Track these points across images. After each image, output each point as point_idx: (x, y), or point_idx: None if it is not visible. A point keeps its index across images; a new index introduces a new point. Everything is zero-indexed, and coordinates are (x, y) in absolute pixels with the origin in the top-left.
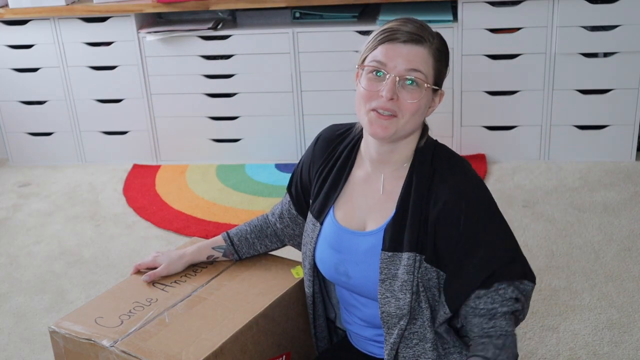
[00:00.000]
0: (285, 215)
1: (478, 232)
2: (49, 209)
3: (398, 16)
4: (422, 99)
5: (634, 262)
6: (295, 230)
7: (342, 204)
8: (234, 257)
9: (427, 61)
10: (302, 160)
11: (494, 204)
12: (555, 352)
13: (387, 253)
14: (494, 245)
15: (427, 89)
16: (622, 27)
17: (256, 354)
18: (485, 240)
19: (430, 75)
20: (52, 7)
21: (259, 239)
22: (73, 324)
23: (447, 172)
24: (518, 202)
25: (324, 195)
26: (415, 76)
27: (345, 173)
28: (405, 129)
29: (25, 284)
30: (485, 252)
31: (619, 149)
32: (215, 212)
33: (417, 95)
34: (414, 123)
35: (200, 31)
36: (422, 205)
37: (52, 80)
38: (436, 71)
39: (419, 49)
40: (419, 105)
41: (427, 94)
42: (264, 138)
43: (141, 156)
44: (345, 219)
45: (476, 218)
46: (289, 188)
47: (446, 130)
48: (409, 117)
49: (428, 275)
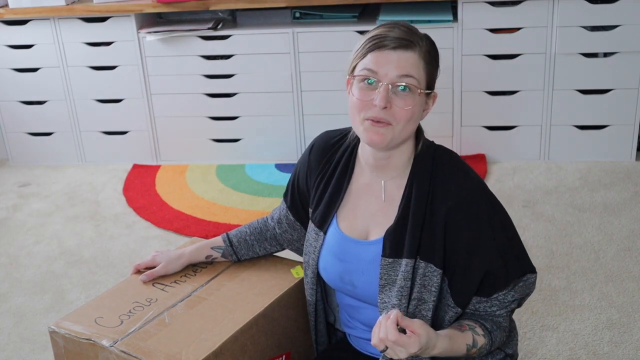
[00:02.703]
0: (283, 220)
1: (480, 236)
2: (49, 209)
3: (398, 16)
4: (416, 104)
5: (634, 262)
6: (294, 235)
7: (345, 212)
8: (233, 258)
9: (418, 65)
10: (297, 169)
11: (495, 204)
12: (555, 352)
13: (388, 259)
14: (494, 250)
15: (421, 93)
16: (622, 27)
17: (256, 354)
18: (486, 245)
19: (422, 80)
20: (52, 7)
21: (258, 241)
22: (73, 324)
23: (448, 177)
24: (518, 202)
25: (325, 205)
26: (407, 82)
27: (346, 181)
28: (401, 135)
29: (25, 284)
30: (486, 256)
31: (619, 149)
32: (215, 212)
33: (411, 101)
34: (410, 129)
35: (200, 31)
36: (423, 211)
37: (52, 80)
38: (428, 74)
39: (409, 54)
40: (414, 112)
41: (420, 99)
42: (264, 138)
43: (141, 156)
44: (349, 228)
45: (478, 222)
46: (285, 196)
47: (446, 130)
48: (404, 123)
49: (432, 281)
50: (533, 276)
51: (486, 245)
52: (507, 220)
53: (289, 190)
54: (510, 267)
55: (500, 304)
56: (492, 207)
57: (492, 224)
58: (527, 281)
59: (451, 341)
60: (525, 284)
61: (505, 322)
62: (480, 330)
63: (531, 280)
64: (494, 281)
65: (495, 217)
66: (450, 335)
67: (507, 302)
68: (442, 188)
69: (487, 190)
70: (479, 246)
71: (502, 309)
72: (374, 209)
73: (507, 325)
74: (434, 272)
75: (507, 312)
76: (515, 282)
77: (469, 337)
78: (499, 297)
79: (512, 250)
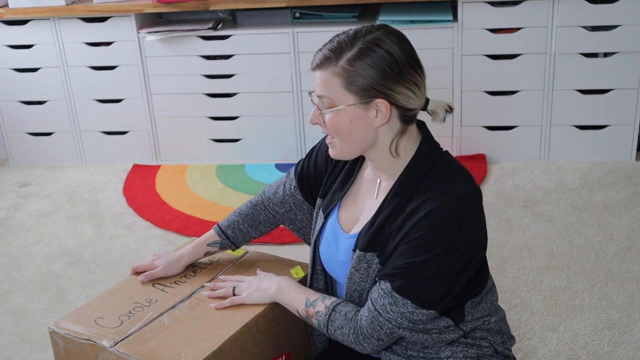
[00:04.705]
0: (289, 200)
1: (417, 253)
2: (49, 209)
3: (398, 16)
4: (340, 119)
5: (634, 262)
6: (298, 215)
7: (346, 203)
8: (232, 248)
9: (332, 83)
10: (319, 146)
11: (460, 229)
12: (555, 352)
13: (354, 253)
14: (419, 263)
15: (345, 109)
16: (622, 27)
17: (256, 354)
18: (415, 265)
19: (341, 95)
20: (52, 7)
21: (252, 227)
22: (73, 324)
23: (429, 191)
24: (518, 202)
25: (332, 193)
26: (324, 101)
27: (354, 173)
28: (348, 148)
29: (25, 284)
30: (406, 254)
31: (619, 149)
32: (215, 212)
33: (332, 117)
34: (354, 140)
35: (200, 31)
36: (393, 214)
37: (52, 80)
38: (354, 85)
39: (322, 73)
40: (338, 127)
41: (347, 113)
42: (264, 138)
43: (141, 156)
44: (345, 218)
45: (424, 247)
46: (298, 173)
47: (446, 130)
48: (339, 137)
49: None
50: (423, 311)
51: (411, 260)
52: (457, 255)
53: (304, 168)
54: (406, 279)
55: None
56: (453, 236)
57: (434, 254)
58: (412, 312)
59: (296, 288)
60: (407, 309)
61: (365, 319)
62: (329, 302)
63: (418, 313)
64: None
65: (443, 252)
66: (297, 286)
67: (374, 296)
68: (418, 199)
69: (463, 212)
70: (412, 249)
71: (370, 299)
72: (367, 204)
73: (362, 323)
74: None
75: (370, 308)
76: (399, 295)
77: (314, 296)
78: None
79: (425, 276)
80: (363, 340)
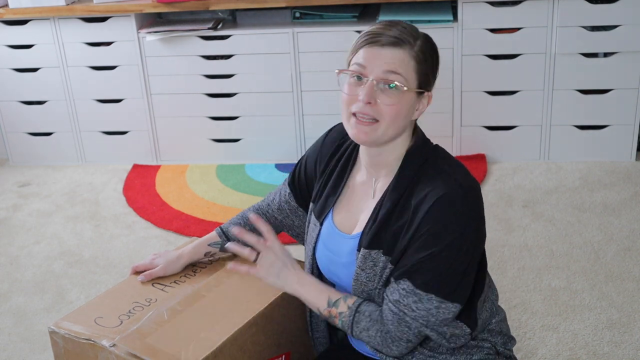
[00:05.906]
0: (284, 207)
1: (431, 245)
2: (49, 209)
3: (398, 16)
4: (402, 102)
5: (634, 262)
6: (295, 221)
7: (340, 207)
8: None
9: (408, 64)
10: (307, 154)
11: (468, 218)
12: (555, 352)
13: (358, 253)
14: (429, 258)
15: (408, 92)
16: (622, 27)
17: (255, 354)
18: (427, 252)
19: (411, 78)
20: (52, 7)
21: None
22: (72, 324)
23: (430, 182)
24: (518, 202)
25: (324, 198)
26: (393, 78)
27: (345, 177)
28: (388, 133)
29: (25, 284)
30: (419, 250)
31: (619, 149)
32: (215, 212)
33: (396, 98)
34: (397, 127)
35: (200, 31)
36: (395, 210)
37: (52, 80)
38: (420, 74)
39: (398, 51)
40: (398, 109)
41: (408, 97)
42: (264, 138)
43: (141, 156)
44: (341, 221)
45: (435, 239)
46: (290, 181)
47: (446, 130)
48: (389, 121)
49: (385, 273)
50: (449, 304)
51: (427, 252)
52: (468, 243)
53: (295, 177)
54: (426, 273)
55: (392, 291)
56: (462, 223)
57: (447, 242)
58: (439, 307)
59: (316, 285)
60: (433, 305)
61: (390, 323)
62: (352, 302)
63: (444, 307)
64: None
65: (456, 240)
66: (318, 283)
67: (395, 298)
68: (420, 192)
69: (467, 199)
70: (427, 241)
71: (390, 302)
72: (364, 205)
73: (389, 327)
74: (387, 262)
75: (394, 310)
76: (422, 291)
77: (336, 295)
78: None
79: (443, 267)
80: (392, 344)
